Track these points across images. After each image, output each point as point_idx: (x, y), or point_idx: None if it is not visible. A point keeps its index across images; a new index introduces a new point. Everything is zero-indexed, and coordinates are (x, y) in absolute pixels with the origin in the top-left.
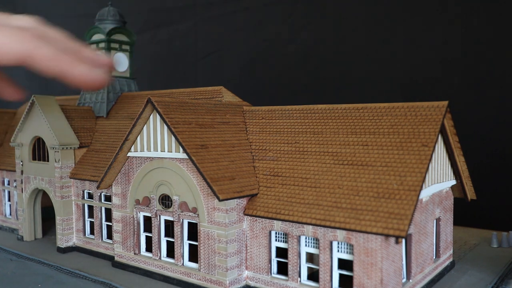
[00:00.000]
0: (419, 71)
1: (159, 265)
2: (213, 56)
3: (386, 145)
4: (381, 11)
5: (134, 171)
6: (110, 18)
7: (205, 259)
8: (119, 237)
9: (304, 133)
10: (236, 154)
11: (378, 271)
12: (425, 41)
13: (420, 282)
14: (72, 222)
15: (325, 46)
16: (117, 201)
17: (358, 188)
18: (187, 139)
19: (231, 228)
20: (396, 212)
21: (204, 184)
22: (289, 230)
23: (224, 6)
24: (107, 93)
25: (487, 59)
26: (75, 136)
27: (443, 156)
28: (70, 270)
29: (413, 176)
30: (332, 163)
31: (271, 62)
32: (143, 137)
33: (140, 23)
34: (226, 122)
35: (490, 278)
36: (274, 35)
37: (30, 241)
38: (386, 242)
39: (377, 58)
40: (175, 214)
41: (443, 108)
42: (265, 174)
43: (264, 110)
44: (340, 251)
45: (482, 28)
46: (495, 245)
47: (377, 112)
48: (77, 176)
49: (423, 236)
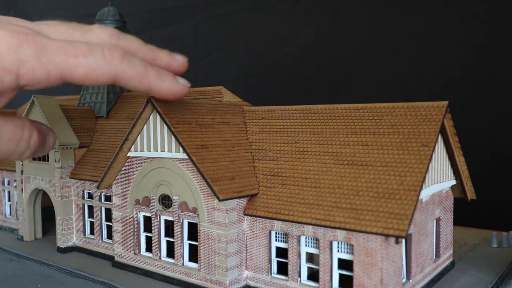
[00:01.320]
0: (419, 71)
1: (159, 265)
2: (213, 56)
3: (386, 145)
4: (381, 11)
5: (134, 171)
6: (110, 18)
7: (205, 259)
8: (119, 237)
9: (304, 133)
10: (236, 154)
11: (378, 271)
12: (425, 41)
13: (420, 282)
14: (72, 222)
15: (325, 46)
16: (117, 201)
17: (358, 188)
18: (187, 139)
19: (231, 228)
20: (396, 212)
21: (204, 184)
22: (289, 230)
23: (224, 6)
24: (107, 93)
25: (487, 59)
26: (75, 136)
27: (443, 156)
28: (70, 270)
29: (413, 176)
30: (332, 163)
31: (271, 62)
32: (143, 137)
33: (140, 23)
34: (226, 122)
35: (490, 278)
36: (274, 35)
37: (30, 241)
38: (386, 242)
39: (377, 58)
40: (175, 214)
41: (443, 108)
42: (265, 174)
43: (264, 110)
44: (340, 251)
45: (482, 28)
46: (495, 245)
47: (377, 112)
48: (77, 176)
49: (423, 236)
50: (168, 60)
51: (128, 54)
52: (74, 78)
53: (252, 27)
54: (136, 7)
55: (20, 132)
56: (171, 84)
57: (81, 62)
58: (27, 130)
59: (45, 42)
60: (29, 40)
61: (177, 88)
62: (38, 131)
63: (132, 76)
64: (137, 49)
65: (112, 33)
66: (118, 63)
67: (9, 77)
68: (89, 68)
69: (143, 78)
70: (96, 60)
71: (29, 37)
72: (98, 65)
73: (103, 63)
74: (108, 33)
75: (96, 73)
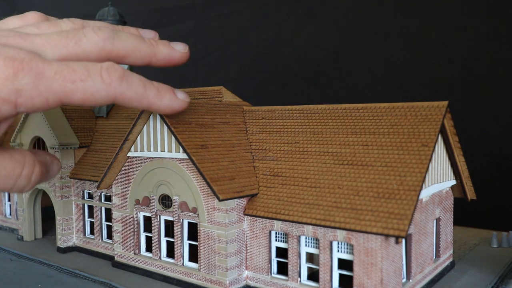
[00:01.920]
0: (419, 71)
1: (159, 265)
2: (213, 56)
3: (386, 145)
4: (381, 11)
5: (134, 171)
6: (110, 18)
7: (205, 259)
8: (119, 237)
9: (304, 133)
10: (236, 154)
11: (378, 271)
12: (425, 41)
13: (420, 282)
14: (72, 222)
15: (325, 46)
16: (117, 201)
17: (358, 188)
18: (187, 139)
19: (231, 228)
20: (396, 212)
21: (204, 184)
22: (289, 230)
23: (224, 6)
24: None
25: (487, 59)
26: (75, 136)
27: (443, 156)
28: (70, 270)
29: (413, 176)
30: (332, 163)
31: (271, 62)
32: (143, 137)
33: (140, 23)
34: (226, 122)
35: (490, 278)
36: (274, 35)
37: (30, 241)
38: (386, 242)
39: (377, 58)
40: (175, 214)
41: (443, 108)
42: (265, 174)
43: (264, 110)
44: (340, 251)
45: (482, 28)
46: (495, 245)
47: (377, 112)
48: (77, 176)
49: (423, 236)
50: (168, 53)
51: (127, 74)
52: (72, 102)
53: (252, 27)
54: (136, 7)
55: (19, 168)
56: (170, 102)
57: (79, 87)
58: (27, 166)
59: (41, 68)
60: (25, 68)
61: (176, 105)
62: (40, 165)
63: (131, 97)
64: (135, 48)
65: (107, 36)
66: (117, 86)
67: (7, 107)
68: (87, 92)
69: (143, 98)
70: (94, 83)
71: (25, 65)
72: (96, 89)
73: (102, 86)
74: (103, 36)
75: (94, 97)
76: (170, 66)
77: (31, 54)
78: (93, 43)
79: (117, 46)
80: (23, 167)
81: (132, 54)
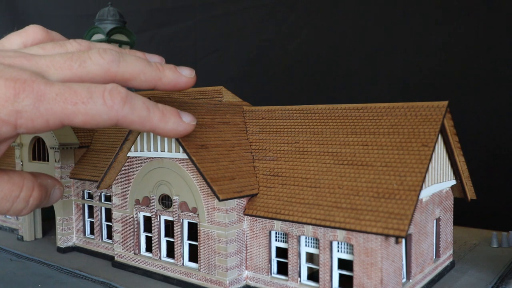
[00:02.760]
0: (419, 71)
1: (159, 265)
2: (213, 56)
3: (386, 145)
4: (381, 11)
5: (134, 171)
6: (110, 18)
7: (205, 259)
8: (119, 237)
9: (304, 133)
10: (236, 154)
11: (378, 271)
12: (425, 41)
13: (420, 282)
14: (72, 222)
15: (325, 46)
16: (117, 201)
17: (358, 188)
18: (187, 139)
19: (231, 228)
20: (396, 212)
21: (204, 184)
22: (289, 230)
23: (224, 6)
24: None
25: (487, 59)
26: (75, 136)
27: (443, 156)
28: (70, 270)
29: (413, 176)
30: (332, 163)
31: (271, 62)
32: (143, 137)
33: (140, 23)
34: (226, 122)
35: (490, 278)
36: (274, 35)
37: (30, 241)
38: (386, 242)
39: (377, 58)
40: (175, 214)
41: (443, 108)
42: (265, 174)
43: (264, 110)
44: (340, 251)
45: (482, 28)
46: (495, 245)
47: (377, 112)
48: (77, 176)
49: (423, 236)
50: (175, 78)
51: (130, 96)
52: (73, 124)
53: (252, 27)
54: (136, 7)
55: (17, 191)
56: (174, 125)
57: (81, 109)
58: (26, 189)
59: (42, 89)
60: (26, 90)
61: (181, 129)
62: (40, 188)
63: (133, 120)
64: (140, 71)
65: (112, 59)
66: (119, 109)
67: (6, 128)
68: (88, 115)
69: (146, 122)
70: (96, 106)
71: (26, 86)
72: (97, 111)
73: (103, 108)
74: (108, 59)
75: (95, 119)
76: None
77: (33, 75)
78: (98, 65)
79: (122, 69)
80: (21, 190)
81: (138, 77)
